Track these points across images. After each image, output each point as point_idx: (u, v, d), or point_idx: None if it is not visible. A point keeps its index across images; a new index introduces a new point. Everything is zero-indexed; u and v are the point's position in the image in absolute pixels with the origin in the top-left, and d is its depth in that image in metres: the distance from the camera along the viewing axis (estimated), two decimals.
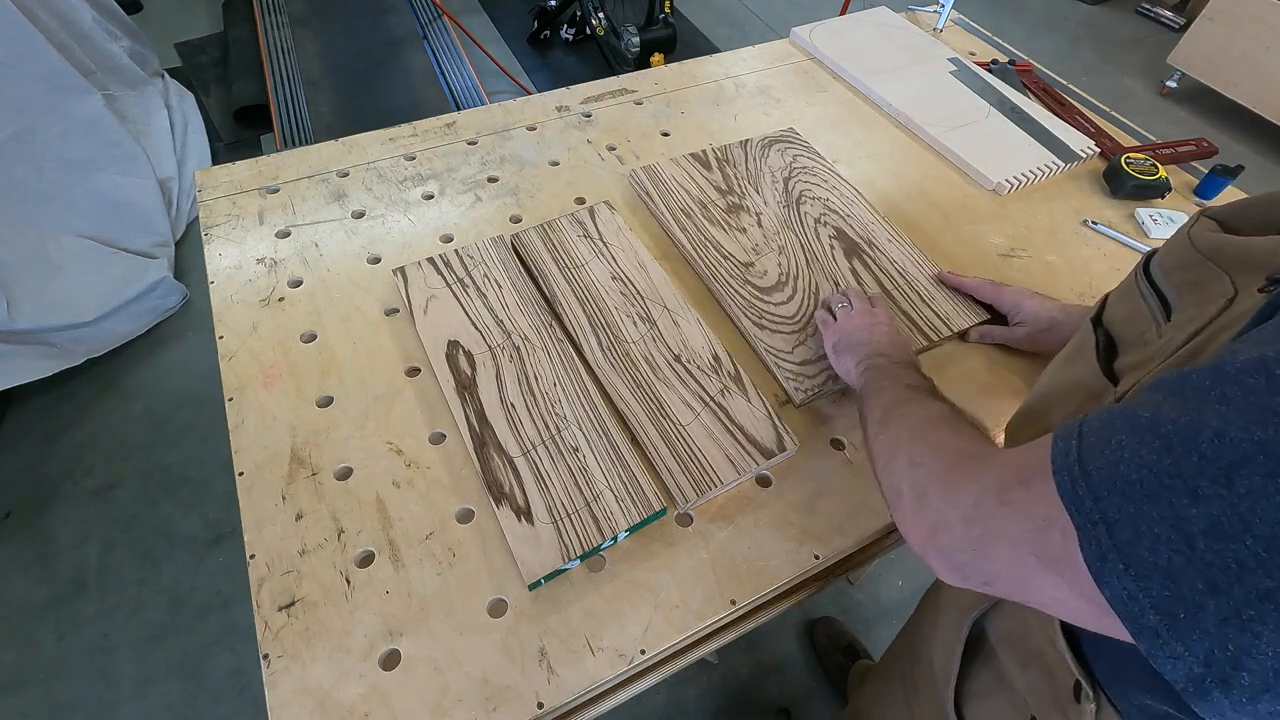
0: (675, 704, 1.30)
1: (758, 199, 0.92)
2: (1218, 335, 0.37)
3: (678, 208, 0.90)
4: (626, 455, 0.66)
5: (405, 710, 0.52)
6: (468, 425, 0.67)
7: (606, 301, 0.79)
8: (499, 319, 0.76)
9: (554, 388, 0.70)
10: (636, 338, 0.75)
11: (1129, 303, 0.48)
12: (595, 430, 0.67)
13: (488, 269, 0.81)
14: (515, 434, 0.67)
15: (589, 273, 0.81)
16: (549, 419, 0.68)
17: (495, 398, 0.69)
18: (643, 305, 0.78)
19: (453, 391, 0.69)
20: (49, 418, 1.62)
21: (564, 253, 0.83)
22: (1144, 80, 2.92)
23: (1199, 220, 0.47)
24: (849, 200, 0.93)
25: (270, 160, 0.95)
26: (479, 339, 0.74)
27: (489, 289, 0.79)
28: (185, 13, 2.84)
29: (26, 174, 1.67)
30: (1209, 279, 0.41)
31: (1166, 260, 0.47)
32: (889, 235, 0.88)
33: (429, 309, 0.76)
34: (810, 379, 0.74)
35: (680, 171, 0.95)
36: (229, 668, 1.30)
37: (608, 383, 0.72)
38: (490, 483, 0.63)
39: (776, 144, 1.00)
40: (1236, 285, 0.39)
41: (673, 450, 0.66)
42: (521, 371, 0.71)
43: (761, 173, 0.96)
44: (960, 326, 0.79)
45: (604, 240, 0.85)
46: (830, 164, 0.98)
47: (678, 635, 0.57)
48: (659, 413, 0.69)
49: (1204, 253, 0.42)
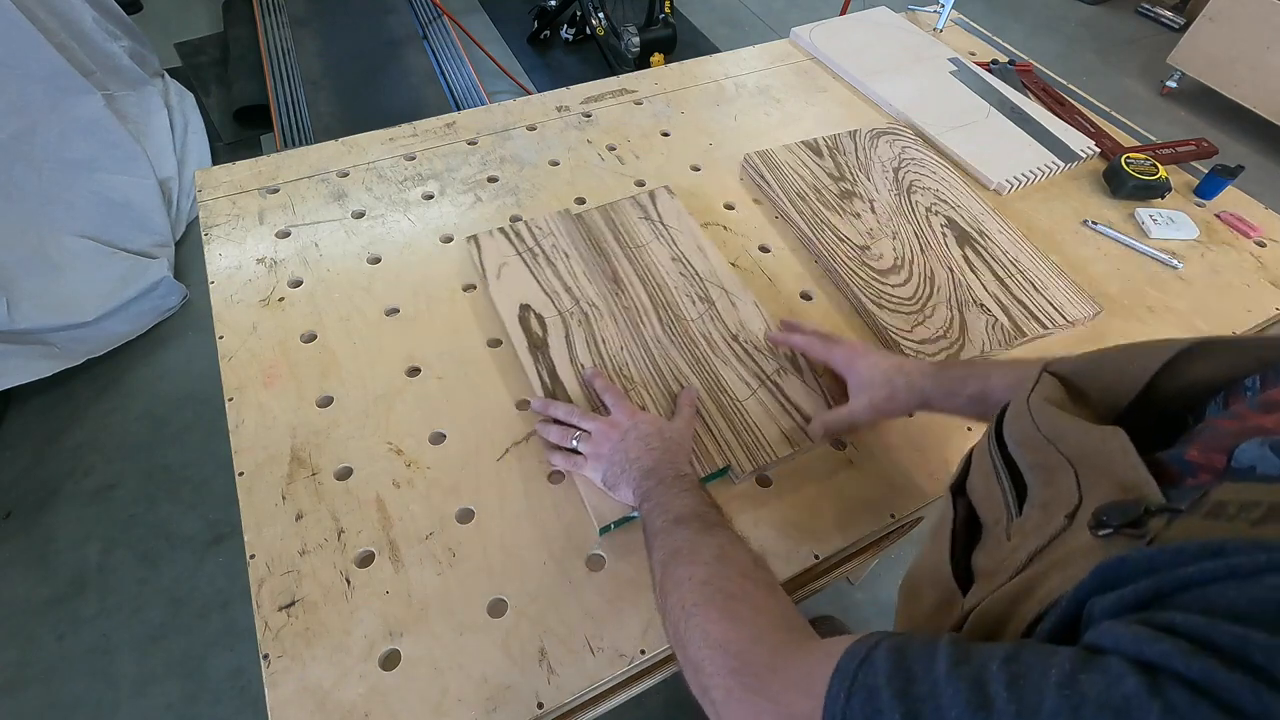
0: (675, 704, 1.30)
1: (869, 186, 0.95)
2: (1049, 574, 0.32)
3: (793, 191, 0.93)
4: (696, 425, 0.68)
5: (405, 710, 0.52)
6: (540, 381, 0.71)
7: (666, 281, 0.82)
8: (567, 286, 0.80)
9: (620, 351, 0.74)
10: (695, 316, 0.79)
11: (985, 477, 0.43)
12: (661, 392, 0.71)
13: (556, 240, 0.84)
14: (585, 391, 0.70)
15: (649, 253, 0.85)
16: (616, 380, 0.72)
17: (565, 358, 0.73)
18: (701, 286, 0.82)
19: (526, 350, 0.73)
20: (49, 418, 1.62)
21: (626, 233, 0.87)
22: (1144, 80, 2.91)
23: (1041, 379, 0.42)
24: (958, 192, 0.95)
25: (270, 160, 0.95)
26: (549, 304, 0.78)
27: (558, 259, 0.82)
28: (185, 13, 2.84)
29: (26, 174, 1.67)
30: (1055, 467, 0.37)
31: (1014, 430, 0.42)
32: (999, 226, 0.90)
33: (501, 275, 0.80)
34: (931, 356, 0.76)
35: (793, 157, 0.98)
36: (229, 668, 1.30)
37: (666, 357, 0.74)
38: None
39: (885, 135, 1.03)
40: (1081, 487, 0.35)
41: (729, 422, 0.69)
42: (590, 336, 0.75)
43: (871, 162, 0.99)
44: (1074, 316, 0.80)
45: (664, 223, 0.88)
46: (936, 156, 1.00)
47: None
48: (716, 387, 0.72)
49: (1047, 435, 0.38)
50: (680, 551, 0.48)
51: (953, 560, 0.41)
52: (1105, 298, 0.85)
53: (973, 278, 0.84)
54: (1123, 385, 0.40)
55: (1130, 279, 0.89)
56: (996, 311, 0.81)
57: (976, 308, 0.81)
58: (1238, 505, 0.27)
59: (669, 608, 0.45)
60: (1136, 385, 0.39)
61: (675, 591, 0.45)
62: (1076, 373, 0.42)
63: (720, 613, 0.42)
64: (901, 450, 0.71)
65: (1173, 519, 0.29)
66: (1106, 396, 0.40)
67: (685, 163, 1.00)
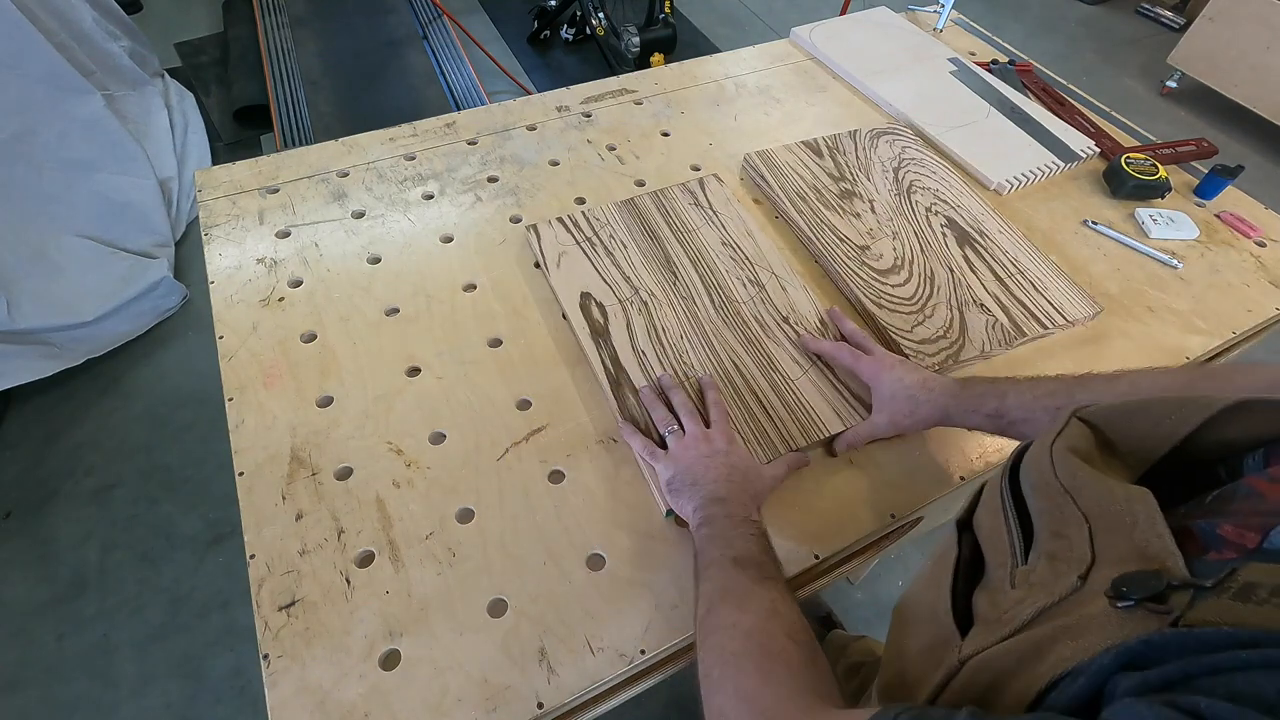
0: (675, 704, 1.30)
1: (869, 186, 0.95)
2: (1060, 639, 0.31)
3: (793, 191, 0.94)
4: (752, 403, 0.71)
5: (405, 710, 0.52)
6: (603, 367, 0.73)
7: (718, 264, 0.84)
8: (625, 275, 0.81)
9: (680, 339, 0.76)
10: (746, 299, 0.80)
11: (993, 515, 0.42)
12: (722, 379, 0.72)
13: (614, 230, 0.86)
14: (647, 377, 0.72)
15: (700, 238, 0.86)
16: (677, 366, 0.73)
17: (627, 344, 0.75)
18: (751, 270, 0.84)
19: (588, 337, 0.75)
20: (49, 418, 1.62)
21: (676, 218, 0.88)
22: (1144, 80, 2.91)
23: (1069, 425, 0.40)
24: (958, 192, 0.95)
25: (270, 160, 0.95)
26: (609, 292, 0.79)
27: (615, 248, 0.84)
28: (185, 13, 2.84)
29: (26, 174, 1.67)
30: (1068, 520, 0.35)
31: (1031, 473, 0.40)
32: (1000, 226, 0.90)
33: (561, 263, 0.82)
34: (930, 357, 0.76)
35: (793, 157, 0.98)
36: (229, 668, 1.30)
37: (720, 337, 0.76)
38: (628, 418, 0.68)
39: (885, 135, 1.03)
40: (1094, 548, 0.33)
41: (782, 400, 0.71)
42: (650, 323, 0.77)
43: (871, 162, 0.99)
44: (1074, 317, 0.80)
45: (713, 209, 0.90)
46: (936, 157, 1.01)
47: (678, 635, 0.57)
48: (769, 366, 0.74)
49: (1065, 486, 0.36)
50: (731, 594, 0.48)
51: (952, 598, 0.40)
52: (1105, 297, 0.85)
53: (973, 278, 0.84)
54: (1155, 439, 0.38)
55: (1130, 279, 0.89)
56: (996, 311, 0.81)
57: (976, 308, 0.81)
58: (1269, 589, 0.26)
59: (708, 646, 0.46)
60: (1171, 440, 0.37)
61: (718, 633, 0.46)
62: (1109, 422, 0.40)
63: (757, 668, 0.42)
64: (902, 450, 0.71)
65: (1197, 596, 0.28)
66: (1139, 448, 0.39)
67: (685, 163, 1.00)
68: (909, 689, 0.41)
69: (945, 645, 0.38)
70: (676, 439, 0.63)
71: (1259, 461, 0.35)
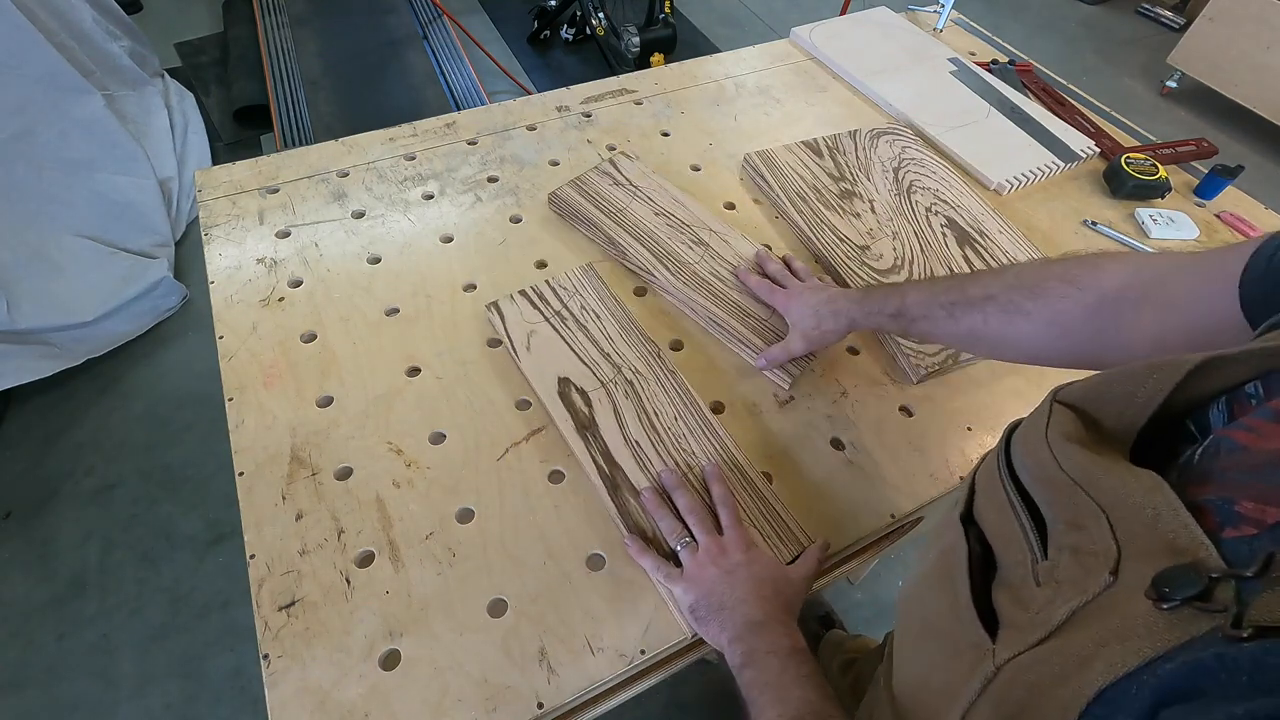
0: (675, 704, 1.30)
1: (869, 186, 0.95)
2: (1108, 644, 0.30)
3: (793, 191, 0.94)
4: (765, 492, 0.64)
5: (405, 710, 0.52)
6: (596, 468, 0.64)
7: (658, 235, 0.85)
8: (605, 352, 0.73)
9: (676, 422, 0.68)
10: (696, 260, 0.83)
11: (998, 510, 0.40)
12: (728, 466, 0.65)
13: (583, 299, 0.78)
14: (646, 474, 0.64)
15: (634, 214, 0.88)
16: (676, 456, 0.66)
17: (618, 437, 0.67)
18: (692, 233, 0.86)
19: (573, 432, 0.67)
20: (49, 418, 1.62)
21: (605, 200, 0.89)
22: (1144, 80, 2.91)
23: (1054, 411, 0.39)
24: (959, 192, 0.95)
25: (270, 160, 0.95)
26: (589, 374, 0.71)
27: (588, 320, 0.76)
28: (185, 13, 2.84)
29: (26, 174, 1.67)
30: (1083, 512, 0.34)
31: (1030, 465, 0.39)
32: (1000, 226, 0.91)
33: (531, 345, 0.74)
34: (930, 357, 0.76)
35: (793, 157, 0.98)
36: (229, 668, 1.30)
37: (688, 300, 0.79)
38: (631, 528, 0.61)
39: (885, 135, 1.03)
40: (1118, 539, 0.32)
41: (760, 336, 0.76)
42: (640, 408, 0.69)
43: (871, 162, 0.99)
44: None
45: (634, 185, 0.92)
46: (936, 157, 1.01)
47: (678, 635, 0.57)
48: (743, 313, 0.78)
49: (1073, 478, 0.36)
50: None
51: (974, 600, 0.39)
52: None
53: None
54: (1133, 410, 0.38)
55: None
56: None
57: None
58: None
59: None
60: (1149, 409, 0.37)
61: None
62: (1086, 399, 0.40)
63: None
64: (901, 450, 0.71)
65: (1242, 588, 0.27)
66: (1120, 422, 0.38)
67: (685, 163, 1.00)
68: (934, 699, 0.40)
69: (975, 650, 0.37)
70: (690, 554, 0.57)
71: (1223, 410, 0.35)
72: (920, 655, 0.43)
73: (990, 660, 0.35)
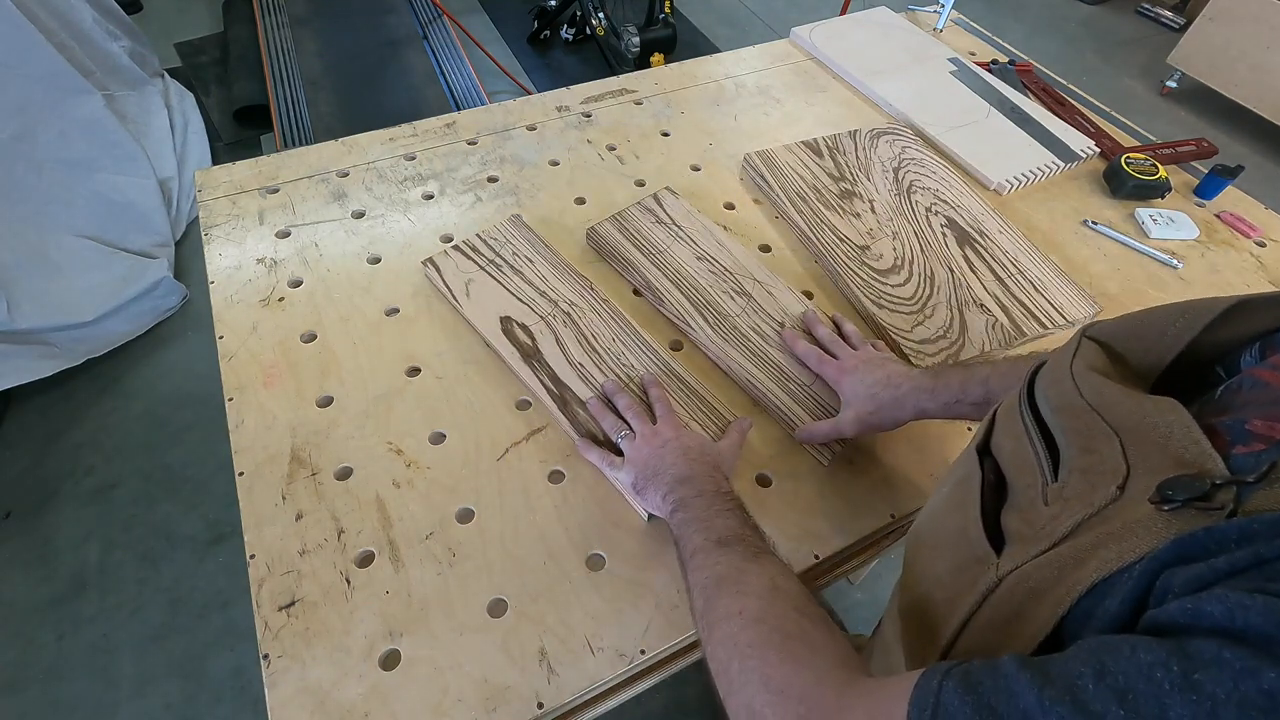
0: (675, 704, 1.30)
1: (869, 186, 0.95)
2: (1104, 544, 0.31)
3: (793, 191, 0.93)
4: (699, 390, 0.71)
5: (405, 710, 0.52)
6: (545, 389, 0.70)
7: (699, 281, 0.82)
8: (541, 290, 0.78)
9: (614, 343, 0.74)
10: (737, 311, 0.79)
11: (1015, 439, 0.42)
12: (665, 374, 0.72)
13: (515, 247, 0.83)
14: (592, 389, 0.70)
15: (674, 257, 0.84)
16: (618, 370, 0.72)
17: (562, 361, 0.72)
18: (734, 281, 0.82)
19: (520, 362, 0.72)
20: (49, 418, 1.62)
21: (644, 240, 0.86)
22: (1144, 80, 2.91)
23: (1081, 345, 0.41)
24: (959, 192, 0.95)
25: (270, 160, 0.95)
26: (528, 311, 0.76)
27: (522, 265, 0.81)
28: (185, 13, 2.84)
29: (26, 174, 1.67)
30: (1097, 435, 0.35)
31: (1052, 394, 0.40)
32: (1000, 226, 0.91)
33: (470, 292, 0.78)
34: (930, 356, 0.76)
35: (793, 157, 0.98)
36: (229, 668, 1.30)
37: (725, 357, 0.75)
38: (583, 434, 0.67)
39: (885, 135, 1.03)
40: (1128, 459, 0.33)
41: (804, 407, 0.71)
42: (580, 334, 0.75)
43: (871, 162, 0.99)
44: (1074, 317, 0.81)
45: (677, 224, 0.88)
46: (936, 157, 1.01)
47: (678, 635, 0.57)
48: (781, 375, 0.74)
49: (1091, 404, 0.37)
50: (727, 579, 0.46)
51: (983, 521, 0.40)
52: (1105, 298, 0.85)
53: (973, 278, 0.84)
54: (1162, 346, 0.39)
55: (1130, 279, 0.89)
56: (996, 311, 0.81)
57: (976, 308, 0.81)
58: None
59: (716, 640, 0.43)
60: (1178, 345, 0.38)
61: (724, 625, 0.43)
62: (1116, 336, 0.41)
63: (779, 655, 0.39)
64: (901, 450, 0.71)
65: (1242, 492, 0.28)
66: (1146, 358, 0.40)
67: (685, 163, 1.00)
68: (938, 609, 0.41)
69: (979, 564, 0.38)
70: (629, 442, 0.63)
71: (1256, 355, 0.36)
72: (928, 574, 0.44)
73: (994, 571, 0.36)
